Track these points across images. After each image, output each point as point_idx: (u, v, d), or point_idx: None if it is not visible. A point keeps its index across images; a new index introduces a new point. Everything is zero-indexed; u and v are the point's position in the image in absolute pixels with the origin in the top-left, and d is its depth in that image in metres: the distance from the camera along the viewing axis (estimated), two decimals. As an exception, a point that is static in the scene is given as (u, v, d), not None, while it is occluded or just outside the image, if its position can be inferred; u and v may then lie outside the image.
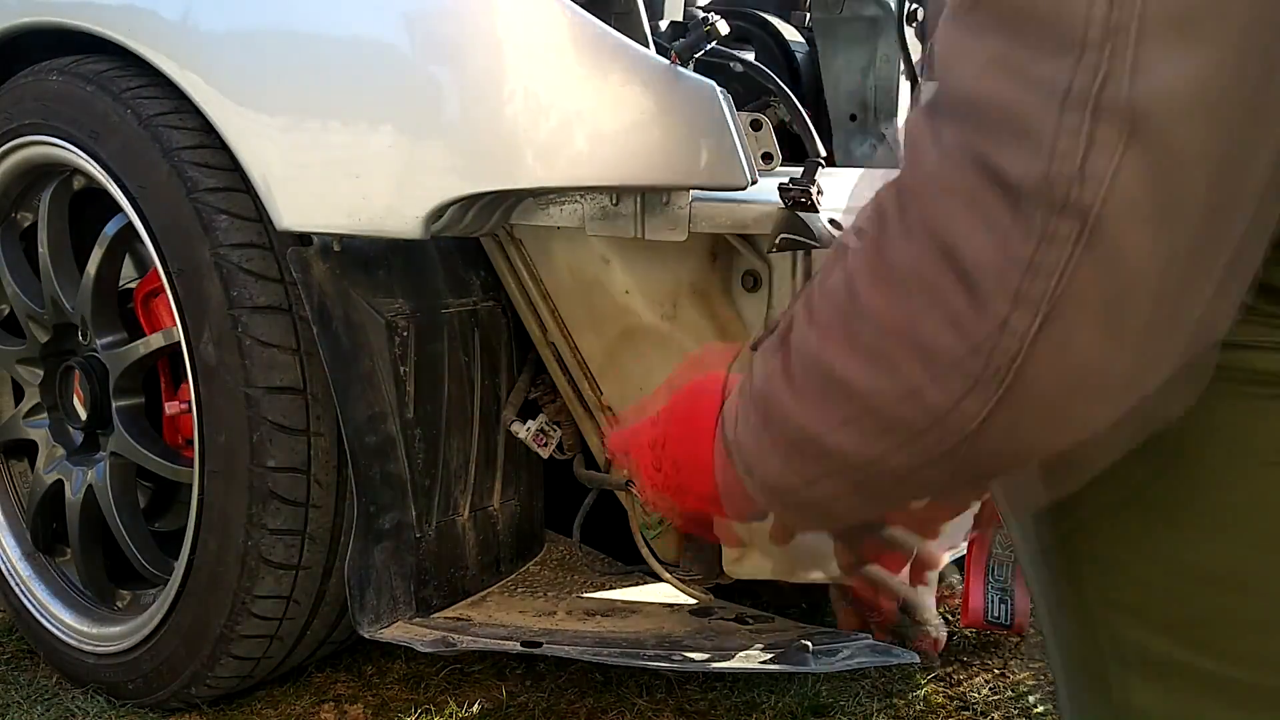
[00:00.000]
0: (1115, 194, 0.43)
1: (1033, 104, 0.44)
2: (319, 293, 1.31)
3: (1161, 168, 0.43)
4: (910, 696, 1.60)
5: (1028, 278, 0.44)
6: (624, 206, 1.24)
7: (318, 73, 1.30)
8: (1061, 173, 0.43)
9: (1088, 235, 0.43)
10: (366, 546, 1.35)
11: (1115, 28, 0.42)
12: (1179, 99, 0.42)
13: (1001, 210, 0.45)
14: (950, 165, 0.47)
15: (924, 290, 0.48)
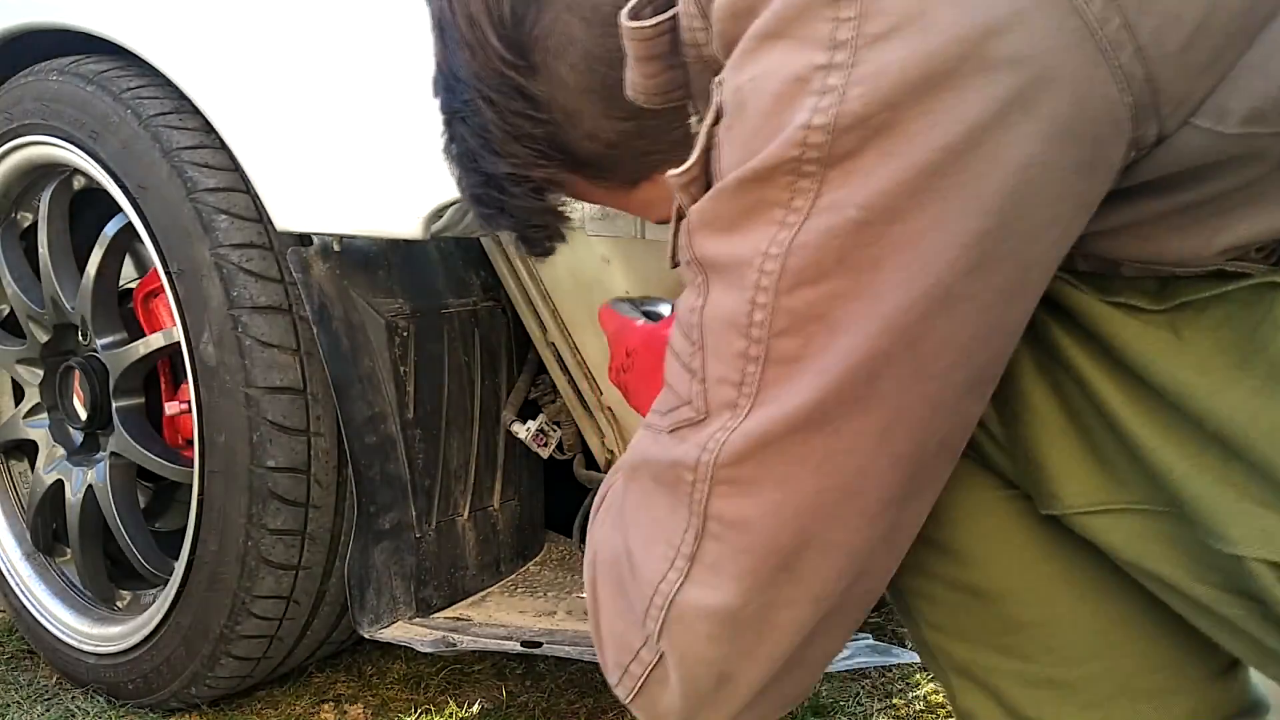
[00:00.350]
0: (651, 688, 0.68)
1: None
2: (319, 293, 1.31)
3: (682, 666, 0.66)
4: (910, 697, 1.60)
5: (633, 664, 0.68)
6: (624, 206, 1.24)
7: (318, 72, 1.30)
8: (648, 631, 0.66)
9: (657, 663, 0.66)
10: (366, 546, 1.35)
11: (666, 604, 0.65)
12: (696, 623, 0.64)
13: (629, 616, 0.68)
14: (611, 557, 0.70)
15: (596, 627, 0.72)
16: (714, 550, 0.62)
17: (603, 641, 0.72)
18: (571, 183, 0.83)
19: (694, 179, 0.63)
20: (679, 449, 0.63)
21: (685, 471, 0.62)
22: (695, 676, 0.66)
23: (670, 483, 0.63)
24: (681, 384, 0.63)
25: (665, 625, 0.65)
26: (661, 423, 0.65)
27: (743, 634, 0.64)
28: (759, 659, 0.65)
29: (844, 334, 0.56)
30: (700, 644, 0.64)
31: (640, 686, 0.68)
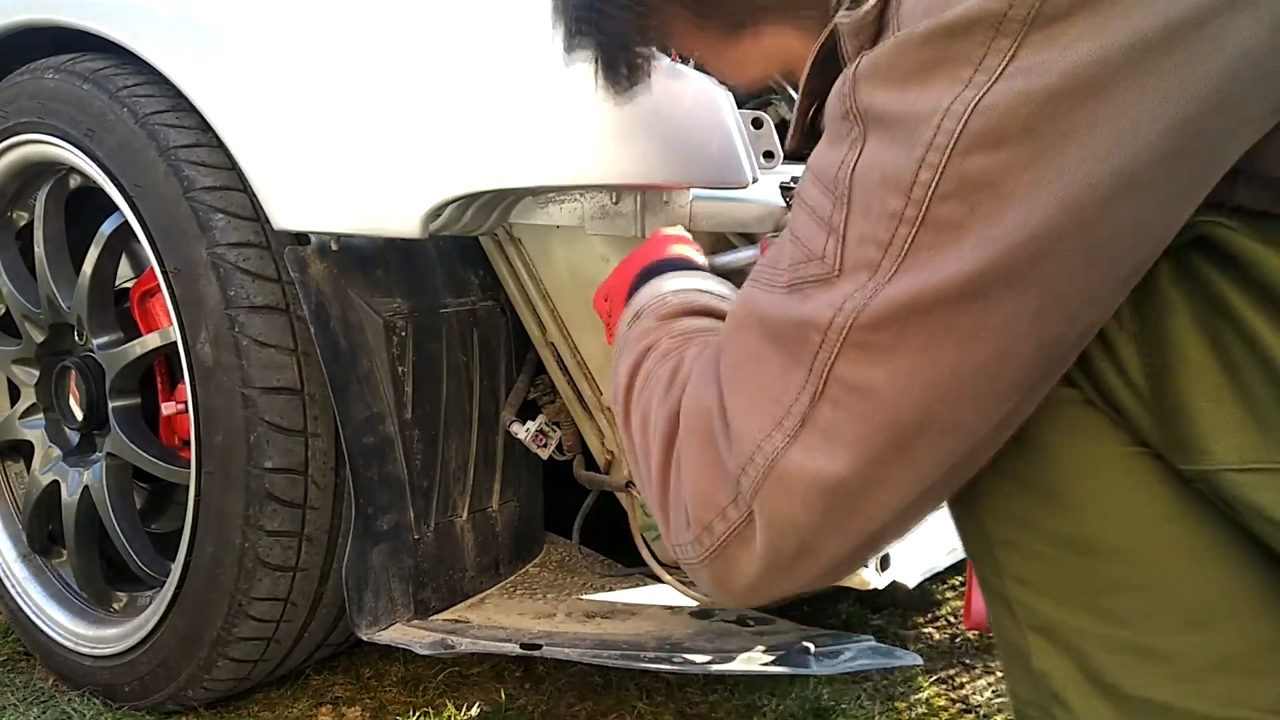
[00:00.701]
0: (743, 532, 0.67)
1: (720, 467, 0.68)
2: (316, 292, 1.31)
3: (770, 530, 0.65)
4: (912, 699, 1.59)
5: (717, 520, 0.67)
6: (624, 205, 1.23)
7: (315, 70, 1.29)
8: (739, 489, 0.65)
9: (744, 522, 0.66)
10: (364, 548, 1.34)
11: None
12: (795, 486, 0.63)
13: (719, 472, 0.67)
14: (703, 406, 0.69)
15: (675, 484, 0.71)
16: (830, 415, 0.61)
17: (678, 497, 0.70)
18: (672, 17, 0.82)
19: (866, 25, 0.61)
20: (805, 306, 0.61)
21: (812, 331, 0.60)
22: (780, 542, 0.65)
23: (789, 342, 0.62)
24: (813, 238, 0.61)
25: (762, 485, 0.63)
26: (778, 278, 0.63)
27: (839, 506, 0.62)
28: (846, 534, 0.64)
29: (1016, 206, 0.54)
30: (795, 509, 0.63)
31: (720, 545, 0.67)
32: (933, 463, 0.62)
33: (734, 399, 0.66)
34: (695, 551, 0.70)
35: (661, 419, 0.74)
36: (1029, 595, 0.71)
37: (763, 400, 0.64)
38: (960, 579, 1.93)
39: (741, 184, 1.15)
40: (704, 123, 1.15)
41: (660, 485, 0.73)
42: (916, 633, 1.81)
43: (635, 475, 0.81)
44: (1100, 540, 0.67)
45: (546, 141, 1.16)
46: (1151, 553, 0.67)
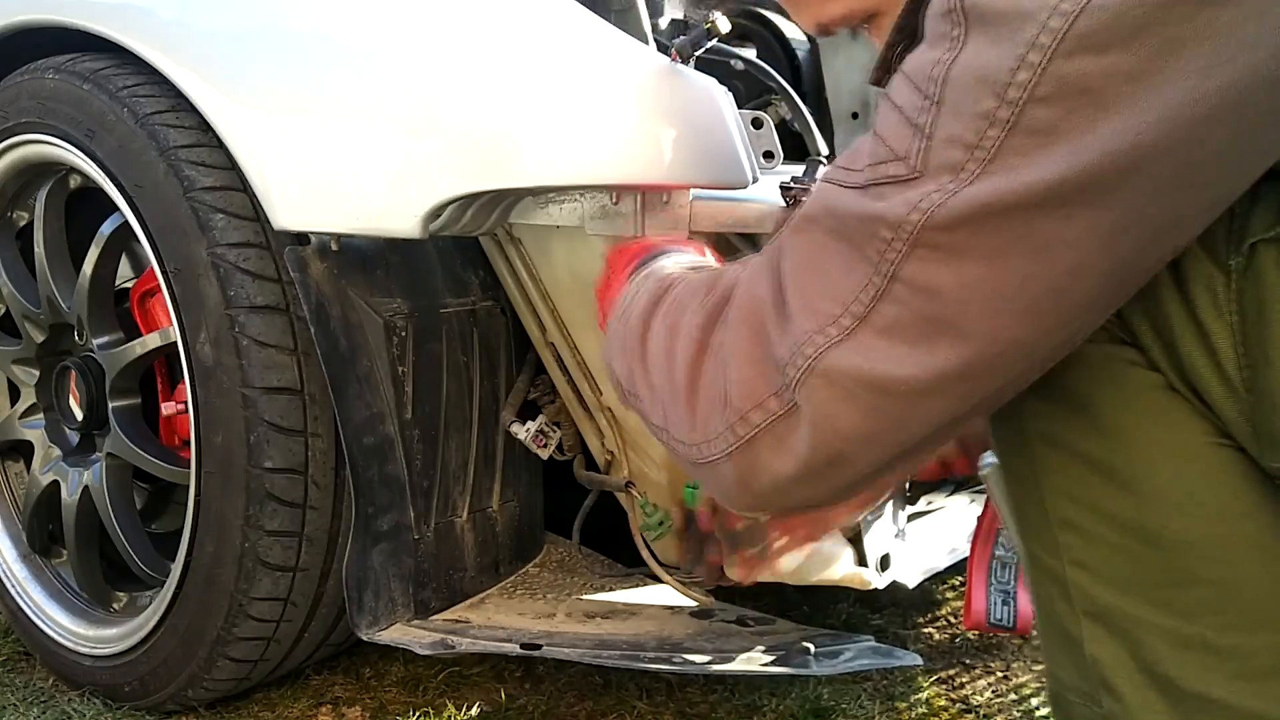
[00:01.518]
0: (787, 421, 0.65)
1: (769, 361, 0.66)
2: (316, 292, 1.30)
3: (812, 427, 0.64)
4: (912, 699, 1.59)
5: (754, 411, 0.66)
6: (624, 205, 1.23)
7: (315, 70, 1.29)
8: (785, 380, 0.64)
9: (783, 415, 0.65)
10: (364, 548, 1.34)
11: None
12: (842, 383, 0.61)
13: (766, 362, 0.66)
14: (749, 308, 0.68)
15: (713, 372, 0.70)
16: (891, 314, 0.59)
17: (712, 387, 0.69)
18: None
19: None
20: (878, 204, 0.59)
21: (883, 228, 0.59)
22: (817, 442, 0.63)
23: (857, 238, 0.60)
24: (898, 137, 0.59)
25: (808, 377, 0.62)
26: (853, 178, 0.62)
27: (884, 410, 0.61)
28: (884, 444, 0.63)
29: (1113, 116, 0.53)
30: (839, 406, 0.62)
31: (753, 436, 0.66)
32: (985, 378, 0.60)
33: (794, 289, 0.64)
34: (724, 443, 0.68)
35: (696, 324, 0.72)
36: (1087, 580, 0.68)
37: (823, 294, 0.62)
38: (960, 579, 1.93)
39: (741, 184, 1.15)
40: (704, 123, 1.15)
41: (688, 383, 0.71)
42: (916, 633, 1.81)
43: (646, 398, 0.78)
44: (1171, 531, 0.65)
45: (546, 141, 1.16)
46: (1224, 548, 0.64)
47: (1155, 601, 0.66)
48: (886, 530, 1.41)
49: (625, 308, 0.87)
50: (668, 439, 0.76)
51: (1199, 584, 0.65)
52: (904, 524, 1.44)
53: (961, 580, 1.91)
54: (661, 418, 0.76)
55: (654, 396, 0.77)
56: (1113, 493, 0.66)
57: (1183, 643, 0.66)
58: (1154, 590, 0.66)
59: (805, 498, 0.69)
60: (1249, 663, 0.65)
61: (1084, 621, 0.69)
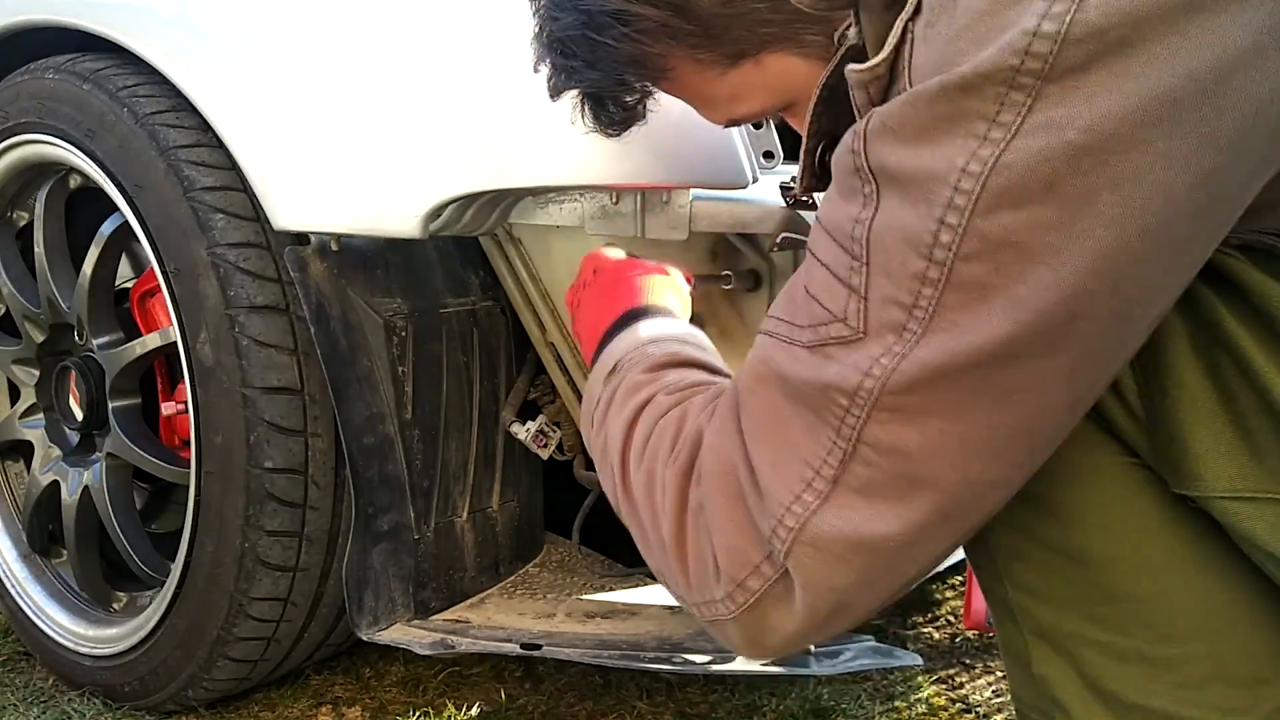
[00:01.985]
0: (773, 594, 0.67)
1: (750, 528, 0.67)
2: (316, 292, 1.30)
3: (807, 590, 0.64)
4: (912, 699, 1.59)
5: (751, 577, 0.67)
6: (624, 205, 1.23)
7: (315, 70, 1.29)
8: (772, 549, 0.64)
9: (779, 578, 0.65)
10: (364, 548, 1.34)
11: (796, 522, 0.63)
12: (831, 547, 0.62)
13: (749, 528, 0.66)
14: (728, 461, 0.68)
15: (697, 535, 0.70)
16: (863, 475, 0.60)
17: (702, 556, 0.69)
18: (669, 48, 0.79)
19: (877, 77, 0.59)
20: (829, 370, 0.60)
21: (839, 395, 0.59)
22: (816, 602, 0.64)
23: (815, 404, 0.61)
24: (833, 298, 0.60)
25: (794, 546, 0.63)
26: (798, 335, 0.62)
27: (876, 564, 0.62)
28: (881, 589, 0.64)
29: (1043, 266, 0.53)
30: (830, 569, 0.62)
31: (755, 601, 0.67)
32: (967, 516, 0.62)
33: (760, 457, 0.65)
34: (726, 608, 0.68)
35: (671, 478, 0.72)
36: (1029, 601, 0.70)
37: (791, 459, 0.62)
38: (960, 579, 1.93)
39: (741, 184, 1.15)
40: (704, 123, 1.15)
41: (676, 546, 0.72)
42: (916, 633, 1.81)
43: (639, 539, 0.78)
44: (1095, 550, 0.67)
45: (546, 141, 1.16)
46: (1148, 563, 0.66)
47: (1091, 618, 0.68)
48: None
49: (599, 416, 0.86)
50: (666, 585, 0.77)
51: (1128, 599, 0.66)
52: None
53: (961, 580, 1.91)
54: (656, 563, 0.76)
55: (645, 542, 0.77)
56: (1040, 517, 0.68)
57: (1121, 656, 0.67)
58: (1088, 607, 0.68)
59: (817, 640, 0.72)
60: (1185, 672, 0.66)
61: (1030, 641, 0.71)
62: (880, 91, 0.60)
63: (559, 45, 0.83)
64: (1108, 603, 0.67)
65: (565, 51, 0.83)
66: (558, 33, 0.82)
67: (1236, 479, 0.61)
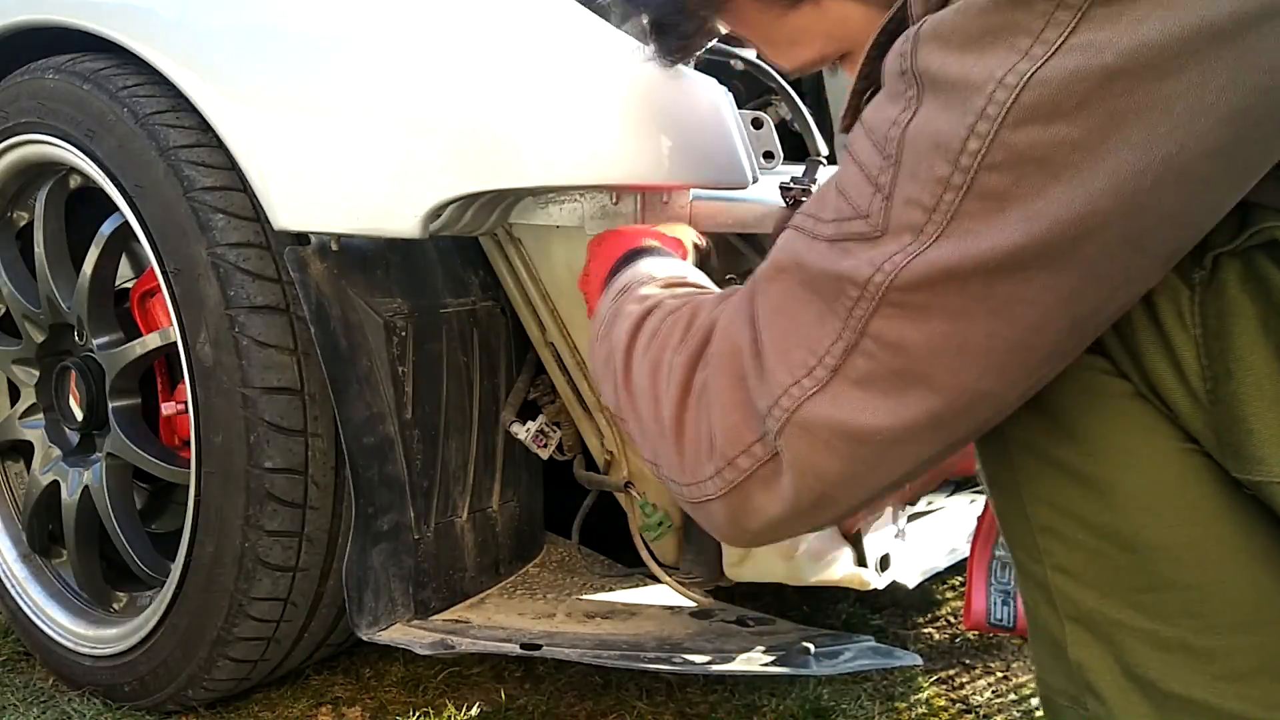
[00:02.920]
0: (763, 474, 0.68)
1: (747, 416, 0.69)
2: (316, 292, 1.30)
3: (793, 473, 0.66)
4: (912, 699, 1.59)
5: (742, 456, 0.68)
6: (624, 205, 1.23)
7: (315, 70, 1.29)
8: (766, 429, 0.66)
9: (769, 460, 0.67)
10: (364, 548, 1.34)
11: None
12: (821, 432, 0.64)
13: (747, 408, 0.68)
14: (733, 342, 0.70)
15: (697, 415, 0.72)
16: (863, 367, 0.61)
17: (699, 433, 0.71)
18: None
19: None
20: (845, 262, 0.61)
21: (850, 286, 0.61)
22: (801, 487, 0.66)
23: (827, 293, 0.62)
24: (860, 195, 0.61)
25: (787, 427, 0.64)
26: (821, 229, 0.64)
27: (864, 457, 0.63)
28: (865, 484, 0.65)
29: (1062, 184, 0.54)
30: (817, 455, 0.64)
31: (742, 480, 0.69)
32: (956, 425, 0.63)
33: (768, 340, 0.66)
34: (715, 486, 0.70)
35: (679, 364, 0.74)
36: (1069, 585, 0.70)
37: (797, 345, 0.64)
38: (960, 579, 1.93)
39: (741, 184, 1.15)
40: (704, 123, 1.15)
41: (675, 426, 0.73)
42: (916, 633, 1.81)
43: (635, 431, 0.80)
44: (1146, 536, 0.66)
45: (546, 141, 1.16)
46: (1199, 552, 0.65)
47: (1135, 605, 0.67)
48: (886, 530, 1.42)
49: (604, 329, 0.89)
50: (659, 473, 0.78)
51: (1175, 587, 0.66)
52: (904, 524, 1.44)
53: (961, 580, 1.91)
54: (652, 452, 0.78)
55: (642, 430, 0.79)
56: (1088, 498, 0.67)
57: (1163, 645, 0.67)
58: (1133, 594, 0.67)
59: (796, 532, 0.72)
60: (1228, 664, 0.66)
61: (1067, 626, 0.70)
62: (938, 2, 0.60)
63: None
64: (1153, 590, 0.66)
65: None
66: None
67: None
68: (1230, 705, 0.66)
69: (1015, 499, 0.71)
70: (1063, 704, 0.72)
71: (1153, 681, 0.67)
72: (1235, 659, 0.65)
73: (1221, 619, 0.65)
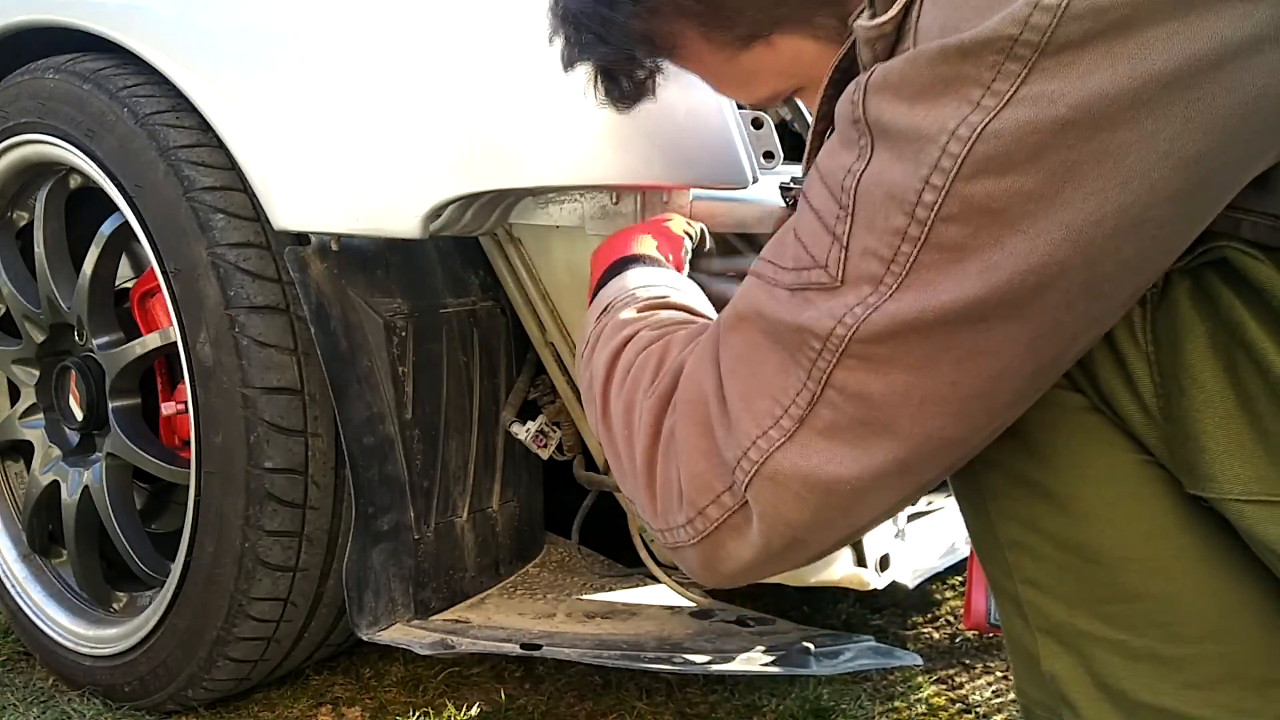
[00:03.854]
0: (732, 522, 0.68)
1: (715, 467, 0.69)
2: (316, 292, 1.31)
3: (763, 522, 0.66)
4: (912, 699, 1.59)
5: (711, 506, 0.69)
6: (624, 205, 1.23)
7: (315, 70, 1.29)
8: (734, 480, 0.66)
9: (738, 509, 0.67)
10: (364, 548, 1.34)
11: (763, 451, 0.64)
12: (790, 483, 0.64)
13: (714, 457, 0.68)
14: (699, 393, 0.70)
15: (666, 462, 0.72)
16: (828, 417, 0.62)
17: (669, 481, 0.71)
18: (681, 27, 0.81)
19: (884, 34, 0.60)
20: (806, 313, 0.61)
21: (812, 338, 0.61)
22: (772, 535, 0.66)
23: (789, 343, 0.63)
24: (817, 244, 0.61)
25: (755, 479, 0.65)
26: (782, 277, 0.64)
27: (833, 505, 0.63)
28: (837, 529, 0.66)
29: (1020, 234, 0.54)
30: (788, 505, 0.64)
31: (713, 530, 0.69)
32: (923, 470, 0.63)
33: (733, 389, 0.66)
34: (687, 534, 0.71)
35: (649, 407, 0.74)
36: (1038, 598, 0.70)
37: (761, 395, 0.64)
38: (960, 579, 1.93)
39: (741, 184, 1.15)
40: (704, 123, 1.15)
41: (647, 471, 0.74)
42: (916, 633, 1.81)
43: (614, 465, 0.81)
44: (1108, 548, 0.66)
45: (546, 141, 1.16)
46: (1161, 562, 0.66)
47: (1102, 616, 0.68)
48: (886, 530, 1.41)
49: (588, 351, 0.89)
50: (636, 510, 0.79)
51: (1141, 598, 0.66)
52: (903, 524, 1.44)
53: (961, 580, 1.91)
54: (629, 491, 0.79)
55: (620, 469, 0.80)
56: (1051, 512, 0.68)
57: (1132, 655, 0.67)
58: (1099, 605, 0.68)
59: (772, 573, 0.72)
60: (1196, 672, 0.66)
61: (1039, 638, 0.71)
62: (886, 49, 0.60)
63: (572, 19, 0.84)
64: (1119, 601, 0.67)
65: (578, 25, 0.84)
66: (572, 7, 0.84)
67: (1251, 481, 0.60)
68: (1199, 712, 0.66)
69: (984, 515, 0.72)
70: (1040, 715, 0.73)
71: (1123, 691, 0.68)
72: (1202, 667, 0.66)
73: (1187, 628, 0.66)
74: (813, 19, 0.78)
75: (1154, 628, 0.66)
